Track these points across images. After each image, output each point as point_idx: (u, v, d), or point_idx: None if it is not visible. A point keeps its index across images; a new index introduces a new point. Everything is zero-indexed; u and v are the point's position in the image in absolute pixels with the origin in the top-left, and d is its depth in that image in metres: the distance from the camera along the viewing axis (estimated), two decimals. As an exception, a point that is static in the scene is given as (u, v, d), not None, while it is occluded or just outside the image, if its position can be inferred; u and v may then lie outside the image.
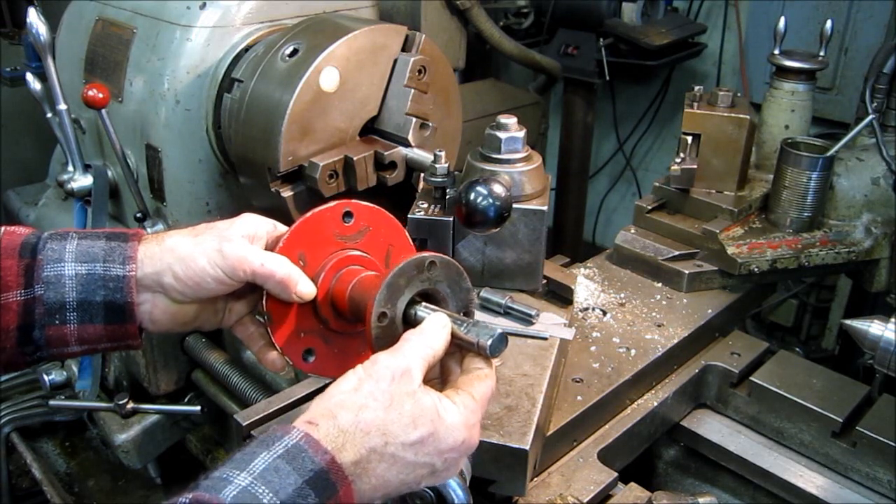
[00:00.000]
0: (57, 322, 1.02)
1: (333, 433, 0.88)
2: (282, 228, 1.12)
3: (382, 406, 0.91)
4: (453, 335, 1.02)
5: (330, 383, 0.97)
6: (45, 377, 2.37)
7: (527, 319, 1.43)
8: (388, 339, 1.02)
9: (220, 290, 1.08)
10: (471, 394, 0.98)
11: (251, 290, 1.15)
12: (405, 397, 0.93)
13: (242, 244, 1.07)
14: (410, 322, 1.05)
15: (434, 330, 1.00)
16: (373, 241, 1.16)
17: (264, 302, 1.09)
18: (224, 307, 1.17)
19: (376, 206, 1.12)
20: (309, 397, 1.44)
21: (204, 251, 1.05)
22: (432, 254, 1.06)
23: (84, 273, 1.03)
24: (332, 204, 1.13)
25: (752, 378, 1.60)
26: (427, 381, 0.98)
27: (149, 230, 2.11)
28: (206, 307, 1.15)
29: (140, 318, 1.07)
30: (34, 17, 2.00)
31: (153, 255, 1.06)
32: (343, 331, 1.14)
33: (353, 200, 1.15)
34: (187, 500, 0.79)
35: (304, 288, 1.07)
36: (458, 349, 1.05)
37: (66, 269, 1.02)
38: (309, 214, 1.12)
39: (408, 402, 0.93)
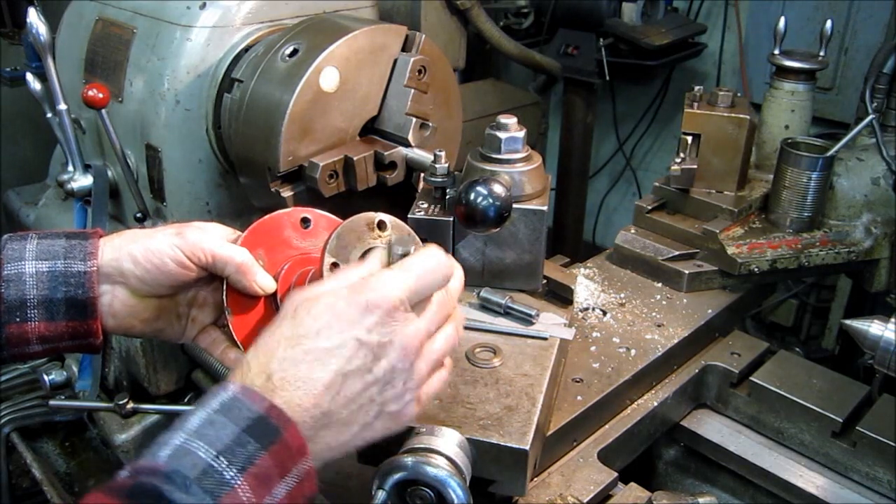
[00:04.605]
0: (18, 319, 1.02)
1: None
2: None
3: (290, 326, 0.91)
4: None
5: None
6: (45, 377, 2.37)
7: (527, 319, 1.43)
8: None
9: (179, 276, 1.09)
10: (405, 267, 0.94)
11: (212, 291, 1.16)
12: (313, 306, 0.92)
13: (201, 231, 1.10)
14: None
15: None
16: None
17: (224, 297, 1.09)
18: (187, 314, 1.17)
19: (334, 217, 1.12)
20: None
21: (163, 235, 1.09)
22: (383, 213, 1.08)
23: (45, 270, 1.03)
24: (289, 209, 1.16)
25: (752, 378, 1.60)
26: None
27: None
28: (167, 308, 1.14)
29: (101, 313, 1.07)
30: (34, 17, 2.00)
31: (113, 245, 1.08)
32: None
33: (310, 208, 1.17)
34: (127, 472, 0.81)
35: (263, 279, 1.09)
36: None
37: (26, 267, 1.03)
38: (266, 217, 1.14)
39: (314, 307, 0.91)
